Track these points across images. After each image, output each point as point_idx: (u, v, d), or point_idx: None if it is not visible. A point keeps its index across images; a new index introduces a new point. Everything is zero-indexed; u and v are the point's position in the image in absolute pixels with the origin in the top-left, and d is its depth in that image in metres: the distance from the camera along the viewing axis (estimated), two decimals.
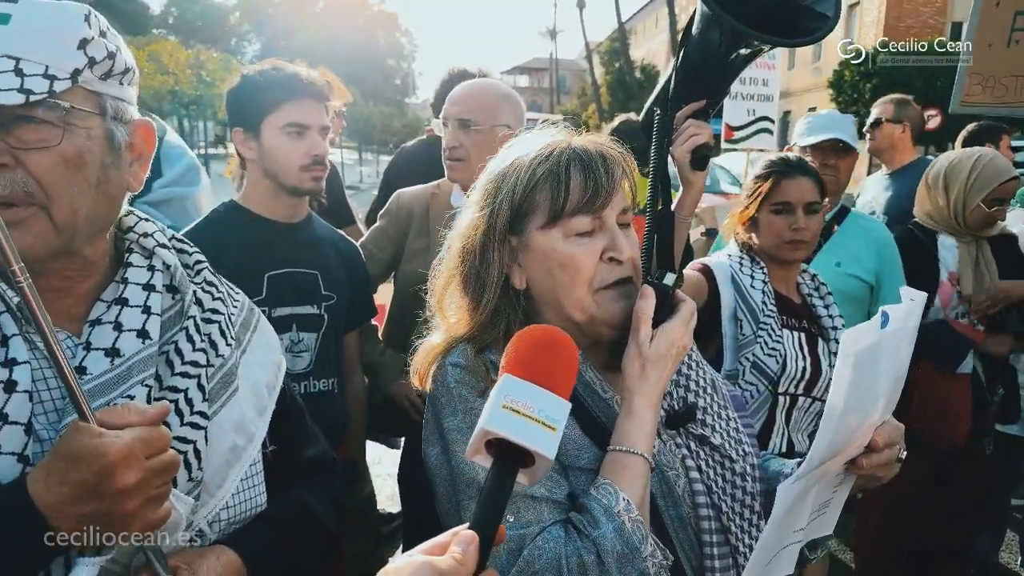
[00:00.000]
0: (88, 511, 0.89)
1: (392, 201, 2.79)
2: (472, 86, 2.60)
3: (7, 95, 0.92)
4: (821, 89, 25.39)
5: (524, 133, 1.33)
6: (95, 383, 1.01)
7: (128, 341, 1.06)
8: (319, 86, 2.18)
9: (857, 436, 1.16)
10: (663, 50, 50.65)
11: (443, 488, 1.21)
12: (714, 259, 2.51)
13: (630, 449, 1.13)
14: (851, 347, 1.05)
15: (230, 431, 1.15)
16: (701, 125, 1.87)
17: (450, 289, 1.29)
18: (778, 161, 2.47)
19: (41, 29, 0.98)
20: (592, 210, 1.20)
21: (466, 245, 1.26)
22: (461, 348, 1.24)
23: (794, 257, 2.42)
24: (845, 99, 20.87)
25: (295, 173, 2.16)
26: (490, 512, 0.77)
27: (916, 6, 26.31)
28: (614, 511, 1.07)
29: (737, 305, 2.34)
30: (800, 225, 2.37)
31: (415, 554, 0.75)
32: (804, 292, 2.51)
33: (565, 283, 1.21)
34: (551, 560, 1.05)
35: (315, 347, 2.23)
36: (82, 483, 0.88)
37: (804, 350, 2.34)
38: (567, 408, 0.81)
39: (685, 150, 1.87)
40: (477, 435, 0.78)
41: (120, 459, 0.88)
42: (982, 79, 2.97)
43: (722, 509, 1.24)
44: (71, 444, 0.88)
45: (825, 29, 1.65)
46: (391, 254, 2.73)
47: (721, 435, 1.30)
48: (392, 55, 70.97)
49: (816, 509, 1.23)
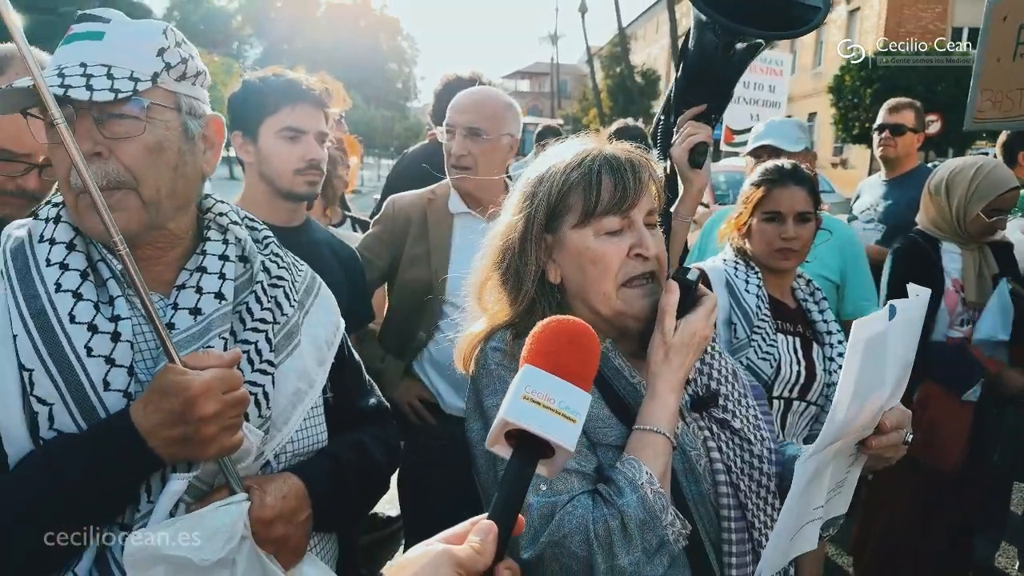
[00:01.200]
0: (176, 434, 1.11)
1: (387, 207, 2.77)
2: (477, 95, 2.61)
3: (101, 93, 1.13)
4: (821, 94, 25.39)
5: (556, 143, 1.46)
6: (182, 336, 1.22)
7: (207, 302, 1.26)
8: (317, 92, 2.19)
9: (867, 417, 1.26)
10: (664, 55, 50.71)
11: (483, 460, 1.31)
12: (709, 263, 2.53)
13: (653, 428, 1.23)
14: (860, 334, 1.14)
15: (293, 378, 1.36)
16: (699, 125, 1.92)
17: (489, 284, 1.43)
18: (772, 169, 2.47)
19: (127, 42, 1.21)
20: (621, 211, 1.32)
21: (505, 243, 1.39)
22: (501, 334, 1.36)
23: (784, 266, 2.43)
24: (845, 104, 20.85)
25: (289, 177, 2.17)
26: (509, 502, 0.77)
27: (916, 11, 26.31)
28: (637, 483, 1.17)
29: (731, 309, 2.35)
30: (790, 234, 2.37)
31: (434, 542, 0.75)
32: (799, 297, 2.51)
33: (595, 277, 1.33)
34: (579, 525, 1.15)
35: None
36: (170, 411, 1.10)
37: (798, 354, 2.35)
38: (587, 400, 0.81)
39: (683, 149, 1.92)
40: (497, 425, 0.78)
41: (200, 391, 1.10)
42: (992, 94, 2.99)
43: (740, 487, 1.34)
44: (162, 380, 1.11)
45: (817, 20, 1.68)
46: (387, 260, 2.72)
47: (741, 420, 1.40)
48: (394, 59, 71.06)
49: (832, 488, 1.32)
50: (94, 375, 1.13)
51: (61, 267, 1.17)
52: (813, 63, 31.60)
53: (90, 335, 1.14)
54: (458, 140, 2.51)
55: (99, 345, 1.15)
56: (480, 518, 0.77)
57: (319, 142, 2.22)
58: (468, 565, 0.72)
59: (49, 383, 1.11)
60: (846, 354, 1.15)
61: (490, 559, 0.73)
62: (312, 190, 2.24)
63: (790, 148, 3.51)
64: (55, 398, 1.11)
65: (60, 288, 1.15)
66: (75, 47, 1.19)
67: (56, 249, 1.19)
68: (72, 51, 1.19)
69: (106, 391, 1.14)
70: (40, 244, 1.19)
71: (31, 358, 1.11)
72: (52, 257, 1.18)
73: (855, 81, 20.25)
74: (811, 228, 2.42)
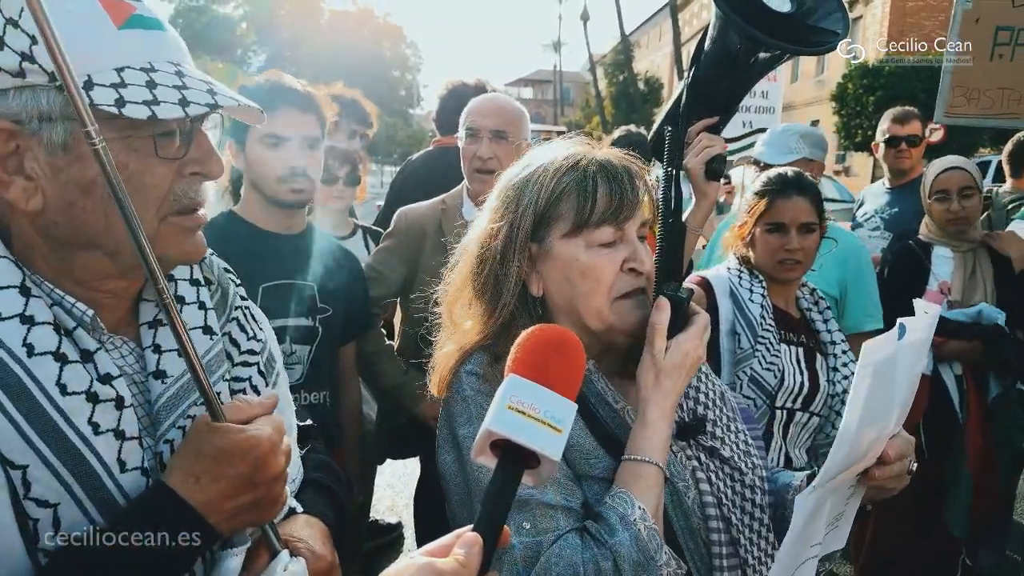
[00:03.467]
0: (245, 502, 0.95)
1: (399, 220, 2.73)
2: (498, 100, 2.64)
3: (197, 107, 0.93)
4: (824, 102, 25.41)
5: (538, 145, 1.36)
6: (178, 385, 1.02)
7: (197, 339, 1.06)
8: (303, 96, 2.14)
9: (871, 447, 1.18)
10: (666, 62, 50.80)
11: (456, 495, 1.22)
12: (713, 272, 2.50)
13: (645, 458, 1.15)
14: (869, 358, 1.07)
15: (285, 408, 1.20)
16: (714, 138, 1.91)
17: (463, 296, 1.31)
18: (775, 178, 2.45)
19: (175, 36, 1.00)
20: (617, 221, 1.23)
21: (484, 252, 1.28)
22: (477, 357, 1.26)
23: (787, 277, 2.41)
24: (848, 112, 20.85)
25: (272, 184, 2.14)
26: (494, 514, 0.76)
27: (919, 19, 26.35)
28: (630, 519, 1.08)
29: (735, 319, 2.33)
30: (793, 246, 2.35)
31: (416, 555, 0.73)
32: (803, 307, 2.49)
33: (585, 291, 1.23)
34: (568, 567, 1.05)
35: (307, 359, 2.22)
36: (238, 476, 0.93)
37: (802, 365, 2.33)
38: (573, 409, 0.80)
39: (699, 161, 1.91)
40: (482, 436, 0.77)
41: (270, 448, 0.96)
42: (965, 91, 3.06)
43: (731, 521, 1.25)
44: (217, 443, 0.93)
45: (836, 41, 1.67)
46: (403, 274, 2.68)
47: (731, 447, 1.31)
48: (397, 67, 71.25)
49: (831, 522, 1.24)
50: (107, 457, 0.92)
51: (23, 321, 0.90)
52: (816, 71, 31.62)
53: (91, 407, 0.91)
54: (485, 143, 2.51)
55: (104, 418, 0.92)
56: (464, 530, 0.75)
57: (308, 148, 2.15)
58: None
59: (51, 479, 0.87)
60: (854, 381, 1.07)
61: (474, 572, 0.72)
62: (298, 197, 2.18)
63: (776, 161, 3.40)
64: (60, 496, 0.88)
65: (33, 351, 0.89)
66: (153, 37, 0.95)
67: (3, 297, 0.90)
68: (154, 43, 0.95)
69: (123, 473, 0.93)
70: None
71: (21, 452, 0.86)
72: (3, 310, 0.89)
73: (858, 89, 20.26)
74: (815, 238, 2.40)
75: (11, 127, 0.89)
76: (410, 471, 4.24)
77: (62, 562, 0.88)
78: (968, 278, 3.09)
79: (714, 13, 1.67)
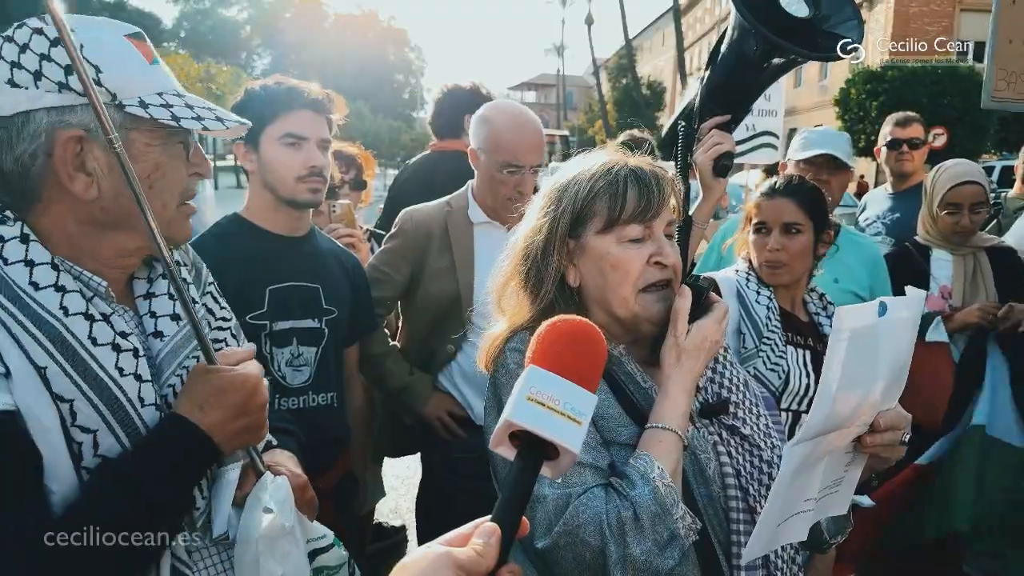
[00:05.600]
0: (240, 426, 1.22)
1: (404, 221, 2.71)
2: (537, 130, 2.59)
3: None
4: (827, 107, 25.38)
5: (579, 154, 1.51)
6: (174, 342, 1.27)
7: (182, 307, 1.30)
8: (319, 99, 2.17)
9: (859, 414, 1.23)
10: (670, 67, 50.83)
11: (501, 459, 1.28)
12: (721, 274, 2.51)
13: (665, 425, 1.28)
14: (844, 323, 1.12)
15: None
16: (724, 135, 1.95)
17: (511, 286, 1.47)
18: (770, 183, 2.49)
19: None
20: (644, 220, 1.37)
21: (528, 246, 1.44)
22: (521, 335, 1.41)
23: (773, 280, 2.40)
24: (851, 117, 20.83)
25: (291, 184, 2.15)
26: (513, 505, 0.76)
27: (922, 25, 26.35)
28: (650, 476, 1.21)
29: (741, 319, 2.33)
30: (773, 245, 2.34)
31: (434, 545, 0.73)
32: (811, 310, 2.49)
33: (615, 282, 1.37)
34: (593, 516, 1.19)
35: (315, 361, 2.22)
36: (234, 405, 1.20)
37: (808, 367, 2.33)
38: (593, 401, 0.80)
39: (708, 157, 1.96)
40: (501, 426, 0.77)
41: (257, 383, 1.24)
42: (1006, 75, 3.05)
43: (749, 491, 1.37)
44: (215, 381, 1.20)
45: (851, 48, 1.69)
46: (407, 275, 2.67)
47: (751, 427, 1.44)
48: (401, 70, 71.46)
49: (828, 485, 1.30)
50: (131, 394, 1.16)
51: (57, 290, 1.13)
52: (819, 76, 31.63)
53: (116, 355, 1.15)
54: (528, 178, 2.50)
55: (127, 363, 1.17)
56: (483, 520, 0.75)
57: (321, 149, 2.19)
58: (470, 568, 0.70)
59: (91, 410, 1.11)
60: (829, 344, 1.13)
61: (493, 562, 0.71)
62: (315, 197, 2.22)
63: (848, 162, 3.30)
64: (98, 424, 1.12)
65: (68, 312, 1.12)
66: (165, 71, 1.25)
67: (40, 271, 1.13)
68: (167, 75, 1.25)
69: (143, 407, 1.17)
70: (12, 267, 1.12)
71: (68, 388, 1.09)
72: (39, 280, 1.12)
73: (861, 94, 20.25)
74: (801, 240, 2.36)
75: (82, 134, 1.14)
76: (413, 472, 4.24)
77: (106, 479, 1.10)
78: (969, 282, 3.07)
79: (733, 15, 1.69)
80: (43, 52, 1.11)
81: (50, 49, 1.11)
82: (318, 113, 2.18)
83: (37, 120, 1.12)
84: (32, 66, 1.11)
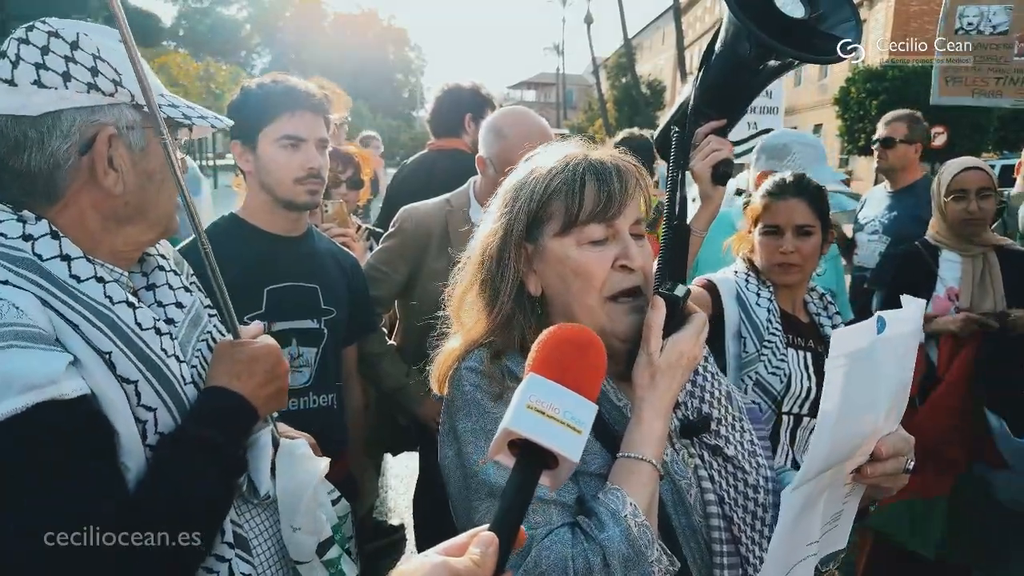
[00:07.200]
0: (272, 390, 1.34)
1: (404, 220, 2.69)
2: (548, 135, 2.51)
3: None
4: (827, 106, 25.39)
5: (539, 148, 1.37)
6: (184, 328, 1.35)
7: (182, 295, 1.40)
8: (317, 99, 2.15)
9: (860, 445, 1.14)
10: (669, 66, 50.82)
11: (456, 490, 1.23)
12: (720, 275, 2.49)
13: (638, 456, 1.14)
14: (841, 349, 1.03)
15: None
16: (722, 141, 1.88)
17: (469, 295, 1.32)
18: (776, 182, 2.45)
19: None
20: (605, 219, 1.23)
21: (485, 251, 1.30)
22: (478, 353, 1.26)
23: (784, 280, 2.39)
24: (851, 116, 20.83)
25: (289, 186, 2.13)
26: (511, 514, 0.74)
27: (922, 24, 26.32)
28: (620, 515, 1.08)
29: (741, 322, 2.32)
30: (787, 248, 2.33)
31: (431, 554, 0.72)
32: (811, 311, 2.48)
33: (577, 289, 1.23)
34: (557, 561, 1.06)
35: (315, 362, 2.20)
36: (265, 372, 1.32)
37: (809, 370, 2.32)
38: (594, 410, 0.78)
39: (707, 165, 1.89)
40: (500, 435, 0.76)
41: (279, 351, 1.38)
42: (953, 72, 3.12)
43: (733, 520, 1.24)
44: (245, 352, 1.32)
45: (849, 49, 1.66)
46: (406, 274, 2.65)
47: (735, 447, 1.31)
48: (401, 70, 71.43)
49: (828, 521, 1.21)
50: (177, 374, 1.24)
51: (98, 281, 1.20)
52: (819, 75, 31.62)
53: (159, 339, 1.23)
54: None
55: (168, 346, 1.24)
56: (480, 529, 0.74)
57: (320, 149, 2.17)
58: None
59: (151, 390, 1.19)
60: (826, 372, 1.03)
61: (490, 572, 0.70)
62: (313, 199, 2.19)
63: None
64: (158, 403, 1.20)
65: (113, 300, 1.19)
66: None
67: (78, 264, 1.19)
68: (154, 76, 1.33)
69: (186, 385, 1.26)
70: (50, 262, 1.15)
71: (131, 370, 1.16)
72: (80, 273, 1.18)
73: (861, 93, 20.24)
74: (813, 242, 2.36)
75: (114, 131, 1.21)
76: (411, 471, 4.23)
77: (181, 450, 1.19)
78: (977, 284, 3.02)
79: (726, 15, 1.65)
80: (67, 54, 1.16)
81: (73, 51, 1.17)
82: (316, 113, 2.15)
83: (69, 119, 1.16)
84: (59, 68, 1.16)
